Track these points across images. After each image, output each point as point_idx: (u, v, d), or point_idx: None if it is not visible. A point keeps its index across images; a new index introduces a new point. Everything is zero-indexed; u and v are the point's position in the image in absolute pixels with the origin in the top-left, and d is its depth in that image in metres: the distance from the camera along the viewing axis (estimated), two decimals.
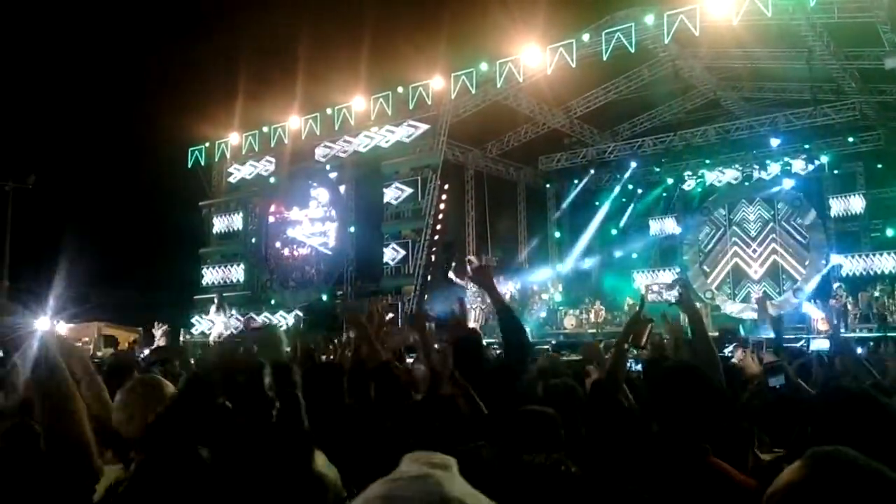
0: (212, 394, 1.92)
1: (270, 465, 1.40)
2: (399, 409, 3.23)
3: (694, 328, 3.60)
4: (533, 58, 16.53)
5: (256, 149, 22.42)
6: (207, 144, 23.14)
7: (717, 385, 2.97)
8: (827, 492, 1.00)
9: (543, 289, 20.71)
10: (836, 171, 19.49)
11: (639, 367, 4.86)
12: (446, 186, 19.28)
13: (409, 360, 4.87)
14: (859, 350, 8.61)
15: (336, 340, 7.03)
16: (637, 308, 3.77)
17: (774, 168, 19.79)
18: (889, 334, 12.79)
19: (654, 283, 20.44)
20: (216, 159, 23.46)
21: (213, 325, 17.52)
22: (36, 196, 18.18)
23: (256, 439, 1.52)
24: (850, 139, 18.52)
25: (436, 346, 3.44)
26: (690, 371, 3.04)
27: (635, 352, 3.85)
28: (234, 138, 22.73)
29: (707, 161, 20.63)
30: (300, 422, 1.67)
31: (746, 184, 20.62)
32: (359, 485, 1.83)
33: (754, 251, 20.59)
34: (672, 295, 3.78)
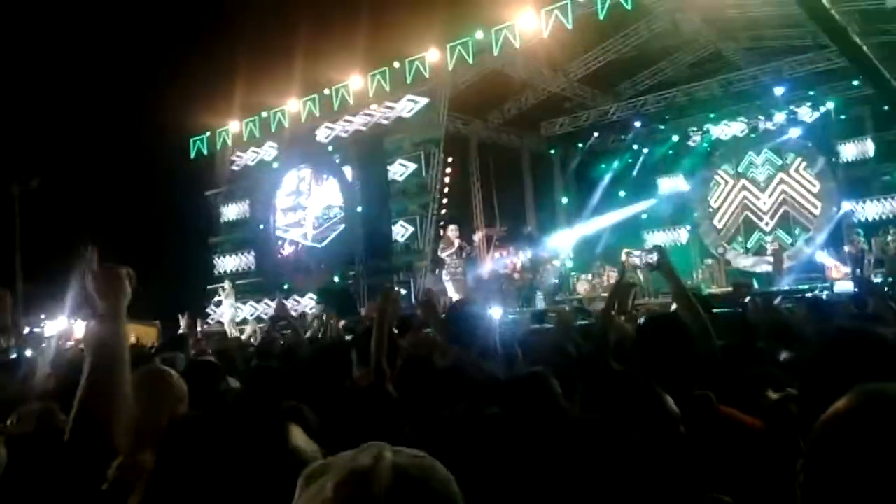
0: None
1: (242, 442, 1.41)
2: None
3: (676, 292, 3.57)
4: (528, 22, 16.29)
5: (257, 135, 22.33)
6: (209, 133, 23.07)
7: (699, 335, 2.94)
8: (880, 420, 1.03)
9: (554, 255, 20.67)
10: (842, 116, 19.17)
11: None
12: (450, 159, 19.17)
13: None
14: None
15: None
16: (619, 276, 3.78)
17: (780, 117, 19.56)
18: None
19: (633, 249, 20.26)
20: (218, 147, 23.40)
21: (223, 313, 17.61)
22: (42, 197, 18.31)
23: (229, 417, 1.52)
24: (855, 82, 18.22)
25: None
26: (668, 321, 3.02)
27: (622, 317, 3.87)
28: (234, 126, 22.64)
29: (711, 115, 20.41)
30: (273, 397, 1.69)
31: (753, 135, 20.40)
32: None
33: (764, 203, 20.42)
34: (651, 259, 3.77)
